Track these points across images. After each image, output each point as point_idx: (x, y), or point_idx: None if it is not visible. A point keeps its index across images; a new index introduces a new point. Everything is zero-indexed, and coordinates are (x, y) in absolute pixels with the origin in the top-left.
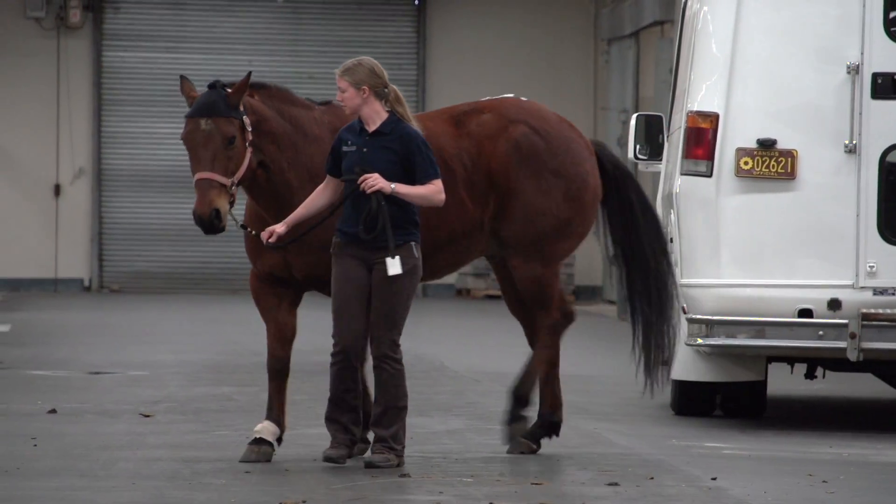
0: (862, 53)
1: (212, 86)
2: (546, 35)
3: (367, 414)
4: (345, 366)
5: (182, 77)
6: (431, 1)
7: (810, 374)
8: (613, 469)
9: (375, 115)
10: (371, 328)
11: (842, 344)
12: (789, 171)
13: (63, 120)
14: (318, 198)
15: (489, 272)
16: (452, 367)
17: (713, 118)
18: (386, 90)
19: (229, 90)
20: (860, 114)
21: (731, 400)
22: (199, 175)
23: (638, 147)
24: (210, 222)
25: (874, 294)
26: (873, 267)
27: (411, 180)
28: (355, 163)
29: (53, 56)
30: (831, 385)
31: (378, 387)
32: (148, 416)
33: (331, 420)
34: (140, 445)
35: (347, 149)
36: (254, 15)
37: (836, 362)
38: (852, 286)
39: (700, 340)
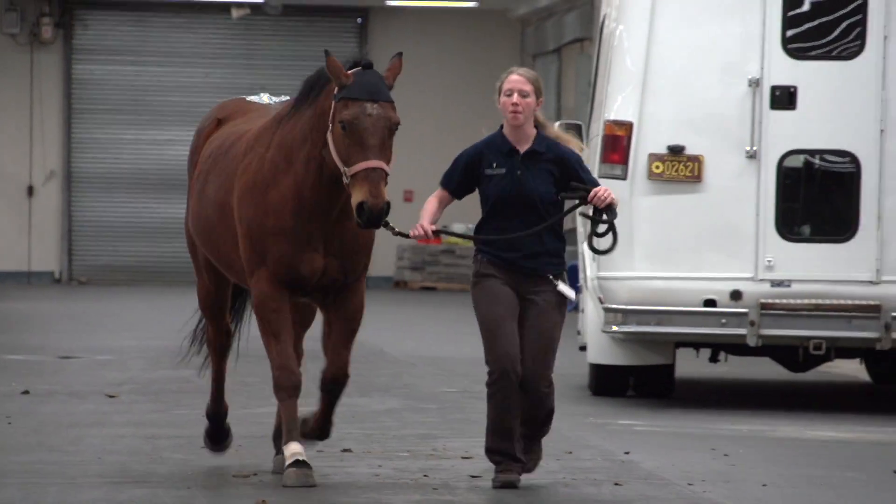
0: (762, 68)
1: (368, 65)
2: (478, 50)
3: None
4: (507, 390)
5: (327, 52)
6: (373, 19)
7: (714, 358)
8: None
9: (530, 133)
10: (526, 364)
11: (742, 331)
12: (696, 174)
13: (36, 127)
14: (436, 213)
15: (425, 265)
16: (391, 353)
17: (628, 126)
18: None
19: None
20: (760, 123)
21: (643, 381)
22: (370, 164)
23: None
24: (381, 216)
25: (772, 286)
26: (771, 262)
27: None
28: (507, 188)
29: (27, 69)
30: (733, 368)
31: (530, 415)
32: (113, 396)
33: (496, 451)
34: (106, 423)
35: (494, 172)
36: (210, 31)
37: (738, 347)
38: (752, 279)
39: (615, 328)
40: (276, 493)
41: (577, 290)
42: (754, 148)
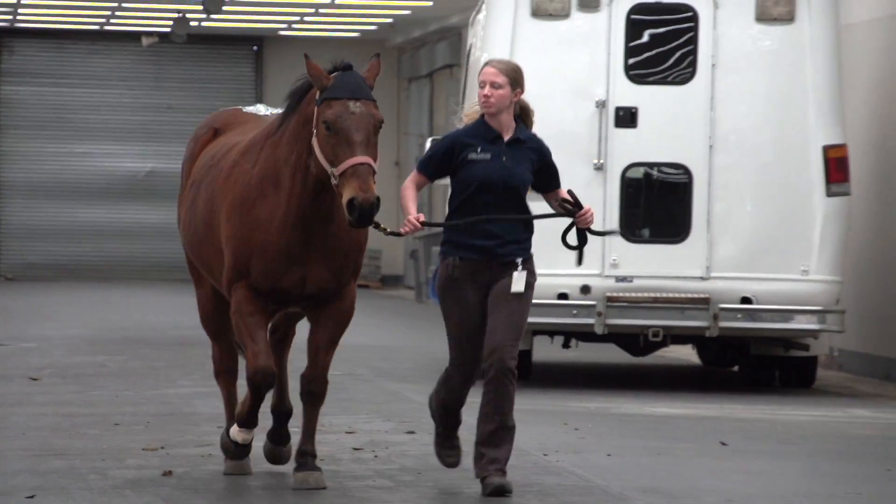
0: (607, 92)
1: (347, 67)
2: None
3: (286, 413)
4: (465, 385)
5: (306, 56)
6: (268, 47)
7: (566, 344)
8: (411, 420)
9: (510, 122)
10: (495, 339)
11: (591, 320)
12: None
13: None
14: (417, 195)
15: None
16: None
17: None
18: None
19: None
20: (606, 139)
21: None
22: (357, 160)
23: None
24: (372, 212)
25: (616, 281)
26: (616, 260)
27: (536, 188)
28: (493, 172)
29: None
30: (582, 353)
31: (492, 404)
32: (36, 379)
33: (451, 447)
34: (29, 403)
35: (478, 156)
36: (123, 56)
37: (587, 335)
38: (599, 275)
39: None
40: (185, 462)
41: None
42: (601, 161)
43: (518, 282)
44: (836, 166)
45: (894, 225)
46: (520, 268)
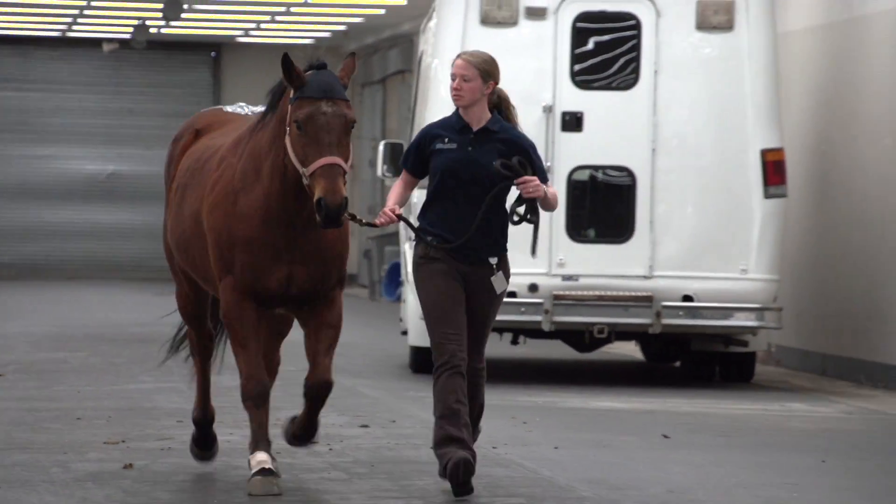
0: (554, 97)
1: (322, 66)
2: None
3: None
4: (455, 375)
5: (286, 55)
6: (225, 53)
7: (515, 341)
8: (365, 414)
9: (483, 114)
10: (469, 342)
11: (538, 318)
12: None
13: None
14: (403, 196)
15: None
16: None
17: None
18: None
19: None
20: (553, 143)
21: None
22: (327, 160)
23: (385, 167)
24: (339, 212)
25: (563, 280)
26: (562, 260)
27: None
28: (457, 161)
29: None
30: (530, 349)
31: (469, 396)
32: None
33: (450, 440)
34: None
35: (444, 146)
36: (85, 62)
37: (534, 331)
38: (547, 274)
39: None
40: (145, 455)
41: (399, 283)
42: (548, 164)
43: (500, 282)
44: (773, 169)
45: (829, 226)
46: (496, 270)
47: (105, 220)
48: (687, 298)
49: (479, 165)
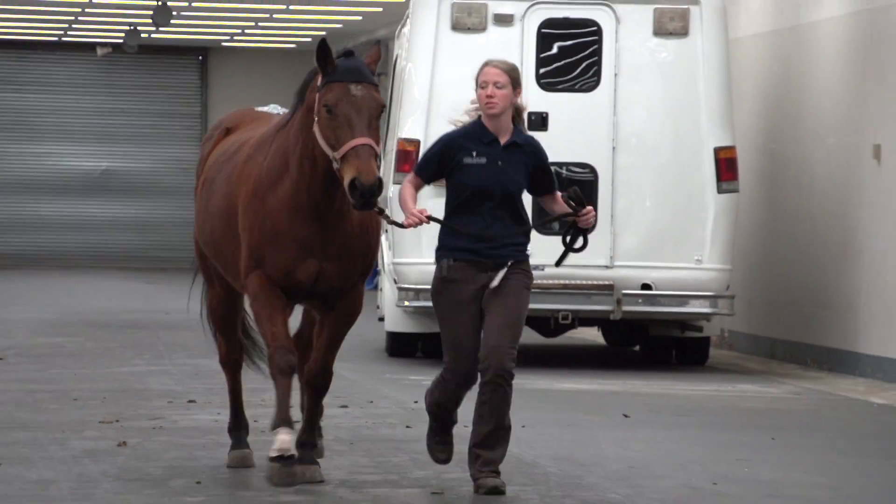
0: (520, 98)
1: (349, 53)
2: (298, 82)
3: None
4: (462, 389)
5: (323, 40)
6: (212, 57)
7: None
8: (344, 395)
9: (508, 124)
10: (492, 340)
11: None
12: None
13: None
14: (416, 199)
15: None
16: None
17: (416, 143)
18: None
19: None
20: None
21: (429, 346)
22: (358, 140)
23: None
24: (374, 192)
25: None
26: (529, 250)
27: (531, 191)
28: (488, 178)
29: None
30: None
31: (488, 405)
32: (1, 358)
33: (442, 443)
34: None
35: (473, 161)
36: (80, 64)
37: None
38: None
39: (407, 303)
40: (137, 434)
41: (376, 272)
42: None
43: (495, 278)
44: (726, 166)
45: (778, 219)
46: (504, 267)
47: (99, 214)
48: (646, 287)
49: (509, 180)
